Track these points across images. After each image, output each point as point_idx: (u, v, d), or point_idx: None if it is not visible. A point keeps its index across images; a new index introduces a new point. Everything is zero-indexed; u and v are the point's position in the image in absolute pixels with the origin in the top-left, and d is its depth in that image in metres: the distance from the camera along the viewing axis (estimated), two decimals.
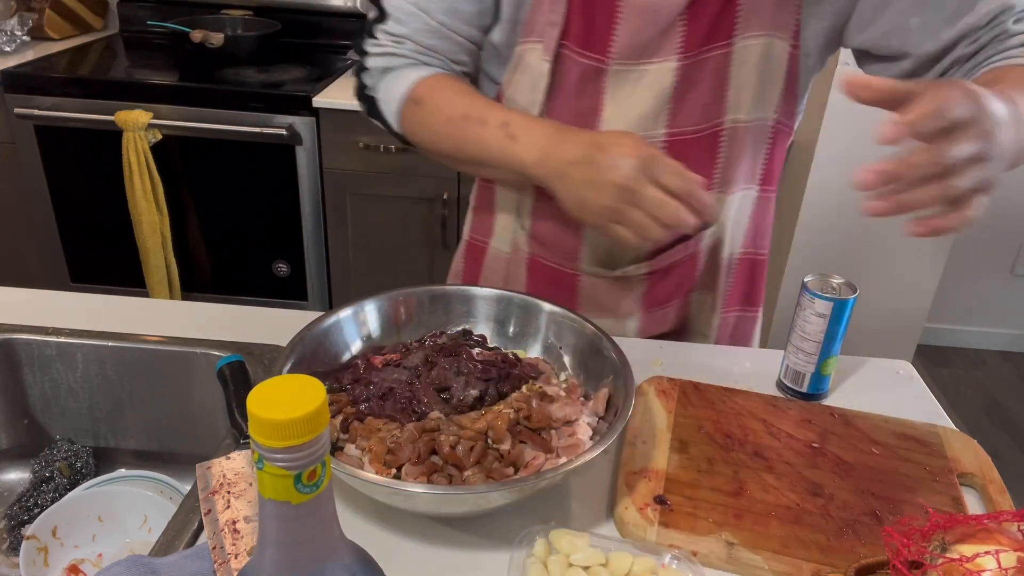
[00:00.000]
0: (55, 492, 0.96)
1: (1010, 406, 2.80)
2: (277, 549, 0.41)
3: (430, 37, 0.92)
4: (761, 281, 1.09)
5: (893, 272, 2.19)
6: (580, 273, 1.01)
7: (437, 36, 0.92)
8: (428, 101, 0.91)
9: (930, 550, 0.60)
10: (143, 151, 2.04)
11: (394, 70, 0.94)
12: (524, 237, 1.02)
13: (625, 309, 1.03)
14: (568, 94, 0.92)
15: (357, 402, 0.79)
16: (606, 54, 0.89)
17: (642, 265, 0.99)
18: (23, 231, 2.28)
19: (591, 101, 0.91)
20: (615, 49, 0.88)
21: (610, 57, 0.89)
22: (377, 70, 0.94)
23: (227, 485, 0.73)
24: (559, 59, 0.90)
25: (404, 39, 0.92)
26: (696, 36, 0.88)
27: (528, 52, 0.91)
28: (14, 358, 0.98)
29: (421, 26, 0.91)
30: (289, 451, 0.38)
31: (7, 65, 2.11)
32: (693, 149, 0.93)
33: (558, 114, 0.92)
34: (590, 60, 0.89)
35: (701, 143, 0.93)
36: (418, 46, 0.93)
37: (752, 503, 0.77)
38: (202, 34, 2.20)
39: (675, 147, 0.92)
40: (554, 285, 1.02)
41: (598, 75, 0.90)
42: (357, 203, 2.18)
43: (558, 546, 0.68)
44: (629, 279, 1.00)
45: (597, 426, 0.79)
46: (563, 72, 0.91)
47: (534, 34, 0.90)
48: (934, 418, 0.93)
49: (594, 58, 0.89)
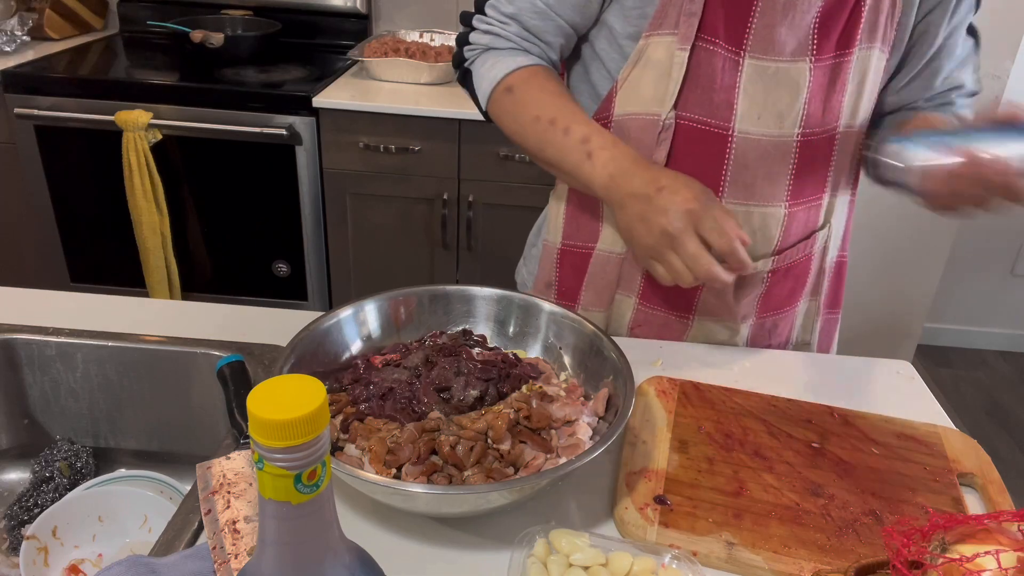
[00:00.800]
0: (55, 492, 0.96)
1: (1010, 406, 2.80)
2: (277, 549, 0.41)
3: (536, 18, 0.94)
4: (843, 282, 1.13)
5: (893, 272, 2.19)
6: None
7: (541, 17, 0.94)
8: (520, 93, 0.94)
9: (930, 550, 0.60)
10: (143, 151, 2.04)
11: (495, 51, 0.97)
12: None
13: (743, 311, 1.04)
14: (703, 86, 0.92)
15: (357, 402, 0.79)
16: (742, 47, 0.90)
17: (768, 261, 1.00)
18: (23, 231, 2.28)
19: (725, 95, 0.92)
20: (751, 43, 0.89)
21: (745, 51, 0.90)
22: (480, 46, 0.98)
23: (227, 485, 0.73)
24: (694, 51, 0.90)
25: (510, 19, 0.95)
26: (827, 42, 0.90)
27: (653, 44, 0.91)
28: (14, 358, 0.98)
29: (527, 5, 0.94)
30: (289, 451, 0.38)
31: (7, 65, 2.11)
32: (817, 151, 0.96)
33: (691, 107, 0.93)
34: (726, 52, 0.90)
35: (823, 145, 0.96)
36: (522, 28, 0.95)
37: (752, 503, 0.77)
38: (202, 34, 2.20)
39: (806, 148, 0.95)
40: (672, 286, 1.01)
41: (734, 68, 0.91)
42: (357, 203, 2.18)
43: (558, 546, 0.68)
44: (753, 277, 1.01)
45: (597, 426, 0.79)
46: (696, 64, 0.91)
47: (665, 25, 0.90)
48: (934, 418, 0.93)
49: (730, 50, 0.90)
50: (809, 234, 1.02)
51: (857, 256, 2.18)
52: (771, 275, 1.02)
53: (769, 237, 0.99)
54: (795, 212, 0.98)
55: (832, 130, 0.95)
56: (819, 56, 0.91)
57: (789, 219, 0.98)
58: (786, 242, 1.00)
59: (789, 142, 0.94)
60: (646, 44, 0.91)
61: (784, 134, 0.93)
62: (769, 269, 1.01)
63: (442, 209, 2.14)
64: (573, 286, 1.08)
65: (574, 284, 1.08)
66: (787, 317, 1.08)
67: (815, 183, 0.98)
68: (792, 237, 1.00)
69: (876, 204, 2.08)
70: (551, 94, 0.93)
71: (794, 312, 1.08)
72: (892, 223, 2.11)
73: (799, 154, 0.94)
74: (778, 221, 0.98)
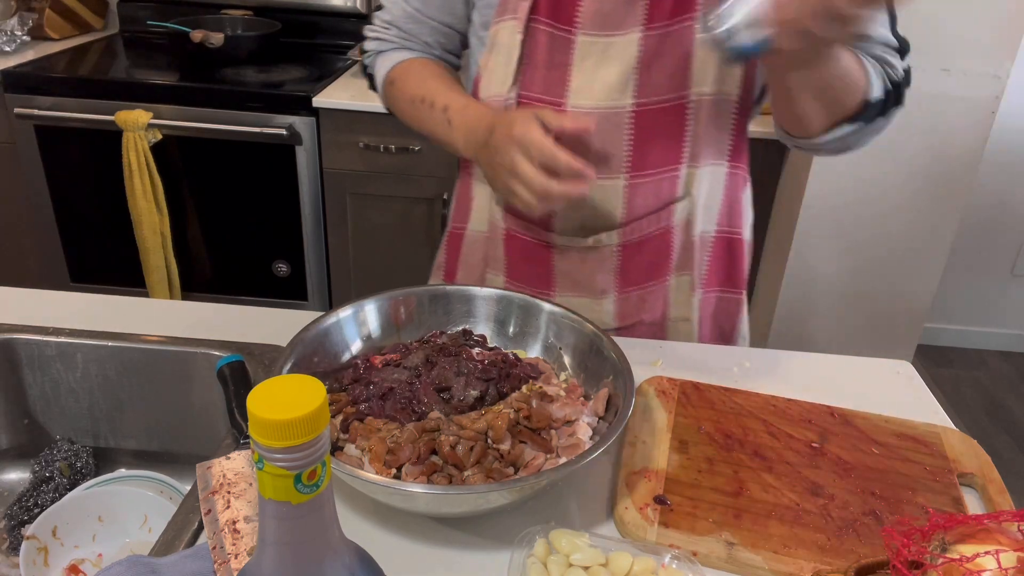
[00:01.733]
0: (55, 492, 0.96)
1: (1010, 406, 2.80)
2: (277, 549, 0.41)
3: (409, 22, 1.05)
4: (741, 262, 1.09)
5: (893, 272, 2.19)
6: (554, 245, 1.02)
7: (413, 21, 1.04)
8: (398, 83, 1.04)
9: (930, 550, 0.60)
10: (143, 151, 2.04)
11: (383, 52, 1.07)
12: (499, 212, 1.04)
13: (601, 285, 1.03)
14: (538, 65, 0.96)
15: (357, 402, 0.79)
16: (573, 24, 0.93)
17: (613, 234, 1.00)
18: (23, 231, 2.28)
19: (560, 73, 0.95)
20: (581, 19, 0.92)
21: (577, 27, 0.93)
22: (373, 52, 1.08)
23: (227, 485, 0.73)
24: (530, 32, 0.94)
25: (390, 24, 1.06)
26: (661, 9, 0.91)
27: (501, 30, 0.96)
28: (14, 358, 0.98)
29: (400, 12, 1.05)
30: (289, 451, 0.38)
31: (7, 65, 2.11)
32: (661, 120, 0.95)
33: (529, 86, 0.97)
34: (558, 31, 0.93)
35: (668, 114, 0.96)
36: (400, 31, 1.05)
37: (752, 503, 0.77)
38: (202, 34, 2.20)
39: (643, 118, 0.95)
40: (530, 260, 1.04)
41: (566, 46, 0.94)
42: (357, 203, 2.18)
43: (558, 546, 0.68)
44: (602, 251, 1.01)
45: (597, 426, 0.79)
46: (533, 44, 0.95)
47: (508, 11, 0.94)
48: (934, 418, 0.93)
49: (562, 28, 0.93)
50: (663, 206, 1.00)
51: (857, 256, 2.18)
52: (623, 248, 1.01)
53: (610, 209, 0.99)
54: (638, 184, 0.97)
55: (681, 98, 0.94)
56: (650, 25, 0.91)
57: (631, 191, 0.97)
58: (632, 214, 0.99)
59: (623, 113, 0.94)
60: (496, 30, 0.96)
61: (615, 106, 0.94)
62: (617, 243, 1.01)
63: (442, 209, 2.14)
64: (453, 267, 1.13)
65: (453, 265, 1.12)
66: (655, 292, 1.05)
67: (664, 154, 0.97)
68: (639, 209, 0.99)
69: (876, 204, 2.08)
70: (424, 77, 1.01)
71: (663, 286, 1.05)
72: (892, 223, 2.11)
73: (635, 124, 0.95)
74: (618, 193, 0.98)
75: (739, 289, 1.11)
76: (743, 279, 1.11)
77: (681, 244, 1.03)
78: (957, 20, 1.86)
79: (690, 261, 1.04)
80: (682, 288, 1.05)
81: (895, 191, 2.07)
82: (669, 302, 1.06)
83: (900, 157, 2.00)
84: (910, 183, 2.05)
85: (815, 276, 2.19)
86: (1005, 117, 2.60)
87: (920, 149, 2.00)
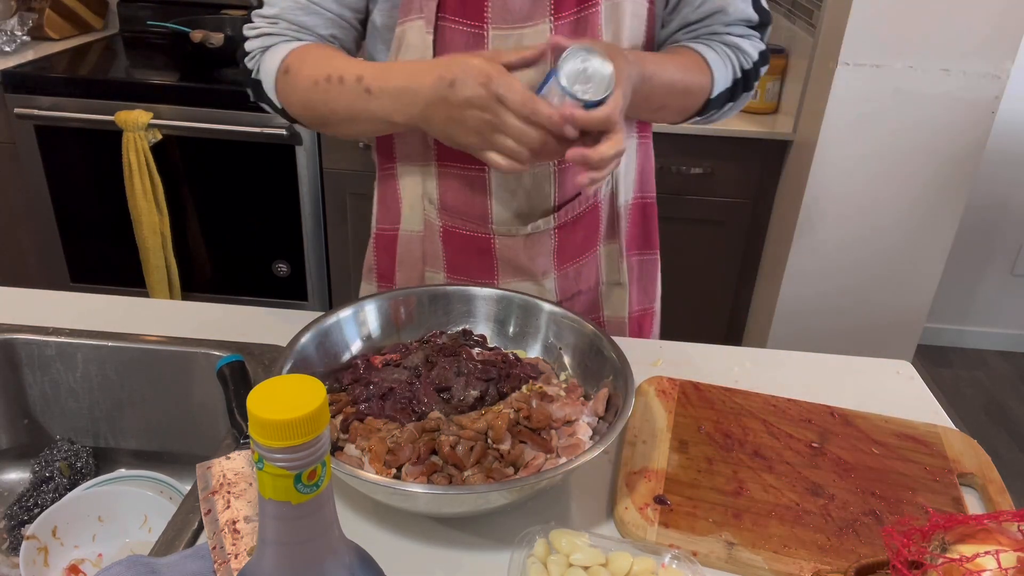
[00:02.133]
0: (55, 492, 0.96)
1: (1010, 406, 2.80)
2: (277, 549, 0.41)
3: (300, 14, 0.96)
4: (653, 224, 1.13)
5: (893, 272, 2.19)
6: (493, 235, 1.03)
7: (306, 12, 0.95)
8: (295, 69, 0.93)
9: (930, 550, 0.60)
10: (143, 151, 2.04)
11: (270, 48, 0.96)
12: (434, 211, 1.03)
13: (541, 267, 1.04)
14: None
15: (357, 402, 0.79)
16: (483, 20, 0.92)
17: (550, 219, 1.01)
18: (23, 231, 2.28)
19: None
20: (490, 14, 0.92)
21: (487, 23, 0.92)
22: (257, 51, 0.97)
23: (227, 485, 0.73)
24: (440, 31, 0.92)
25: (277, 19, 0.96)
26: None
27: (409, 30, 0.93)
28: (14, 358, 0.98)
29: (290, 4, 0.95)
30: (289, 451, 0.38)
31: (7, 65, 2.11)
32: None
33: None
34: (469, 28, 0.92)
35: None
36: (290, 24, 0.96)
37: (752, 503, 0.77)
38: (202, 34, 2.19)
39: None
40: (471, 253, 1.04)
41: (479, 42, 0.93)
42: (357, 203, 2.18)
43: (558, 546, 0.68)
44: (540, 235, 1.02)
45: (597, 426, 0.79)
46: (445, 43, 0.93)
47: (413, 11, 0.93)
48: (934, 418, 0.93)
49: (472, 25, 0.92)
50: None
51: (857, 256, 2.18)
52: (558, 230, 1.02)
53: (544, 195, 1.00)
54: (566, 168, 0.99)
55: None
56: (558, 14, 0.91)
57: (561, 175, 0.99)
58: (564, 197, 1.01)
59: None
60: (402, 31, 0.94)
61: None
62: (553, 226, 1.02)
63: None
64: (388, 269, 1.11)
65: (389, 267, 1.10)
66: (588, 263, 1.08)
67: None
68: (570, 191, 1.01)
69: (876, 204, 2.08)
70: (323, 58, 0.93)
71: (595, 256, 1.08)
72: (892, 223, 2.11)
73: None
74: (548, 178, 0.99)
75: (654, 250, 1.15)
76: (656, 240, 1.15)
77: (608, 216, 1.06)
78: (957, 20, 1.86)
79: (616, 230, 1.07)
80: (612, 256, 1.09)
81: (895, 191, 2.07)
82: (602, 269, 1.09)
83: (900, 157, 2.00)
84: (910, 183, 2.05)
85: (815, 276, 2.19)
86: (1005, 117, 2.60)
87: (920, 149, 2.00)
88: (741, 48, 0.99)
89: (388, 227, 1.09)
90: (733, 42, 0.99)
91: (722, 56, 0.98)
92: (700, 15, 0.98)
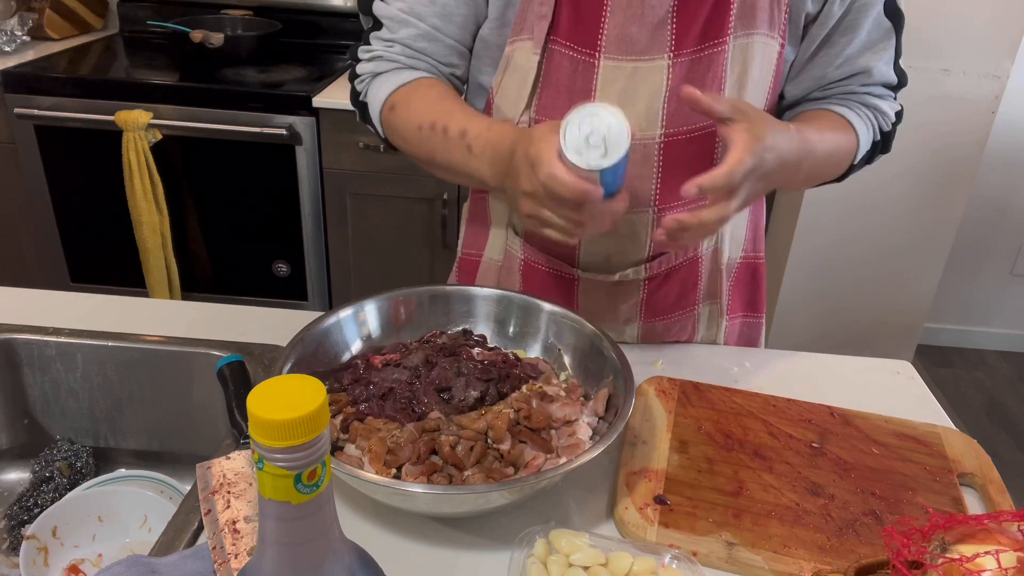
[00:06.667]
0: (55, 492, 0.96)
1: (1010, 406, 2.80)
2: (277, 549, 0.41)
3: (420, 41, 0.92)
4: (762, 286, 1.09)
5: (893, 272, 2.19)
6: (577, 278, 1.00)
7: (427, 39, 0.92)
8: (401, 108, 0.91)
9: (930, 550, 0.60)
10: (143, 151, 2.04)
11: (382, 74, 0.93)
12: (518, 242, 1.01)
13: (625, 315, 1.02)
14: (558, 89, 0.90)
15: (357, 402, 0.79)
16: (596, 48, 0.88)
17: (640, 269, 0.98)
18: (23, 231, 2.28)
19: (581, 98, 0.89)
20: (604, 43, 0.87)
21: (600, 51, 0.88)
22: (368, 75, 0.95)
23: (227, 485, 0.73)
24: (548, 54, 0.89)
25: (393, 43, 0.93)
26: (688, 35, 0.87)
27: (517, 51, 0.90)
28: (14, 358, 0.98)
29: (412, 31, 0.91)
30: (289, 451, 0.38)
31: (7, 65, 2.11)
32: (689, 150, 0.92)
33: (549, 111, 0.91)
34: (579, 54, 0.88)
35: (696, 144, 0.92)
36: (407, 49, 0.93)
37: (752, 503, 0.77)
38: (202, 34, 2.19)
39: (672, 148, 0.91)
40: (550, 292, 1.00)
41: (588, 70, 0.89)
42: (357, 203, 2.18)
43: (558, 546, 0.68)
44: (627, 284, 0.99)
45: (597, 426, 0.79)
46: (553, 67, 0.90)
47: (524, 31, 0.89)
48: (934, 418, 0.93)
49: (583, 52, 0.88)
50: None
51: (857, 256, 2.18)
52: (648, 281, 0.99)
53: (639, 243, 0.96)
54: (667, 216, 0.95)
55: (709, 126, 0.90)
56: (678, 51, 0.87)
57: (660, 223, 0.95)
58: (660, 247, 0.97)
59: (651, 144, 0.90)
60: (511, 51, 0.90)
61: (644, 137, 0.90)
62: (644, 277, 0.98)
63: (442, 209, 2.14)
64: None
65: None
66: (681, 322, 1.04)
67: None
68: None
69: (876, 204, 2.08)
70: (431, 100, 0.90)
71: (691, 316, 1.04)
72: (892, 223, 2.12)
73: (663, 155, 0.90)
74: (646, 226, 0.95)
75: (760, 313, 1.11)
76: (764, 303, 1.11)
77: (709, 273, 1.02)
78: (957, 20, 1.86)
79: (717, 290, 1.04)
80: (711, 316, 1.06)
81: (895, 191, 2.07)
82: (698, 330, 1.06)
83: (900, 157, 1.99)
84: (910, 183, 2.05)
85: (815, 276, 2.19)
86: (1005, 117, 2.60)
87: (920, 149, 2.00)
88: (880, 109, 0.95)
89: (474, 252, 1.07)
90: (873, 103, 0.95)
91: (864, 119, 0.94)
92: (841, 75, 0.94)
